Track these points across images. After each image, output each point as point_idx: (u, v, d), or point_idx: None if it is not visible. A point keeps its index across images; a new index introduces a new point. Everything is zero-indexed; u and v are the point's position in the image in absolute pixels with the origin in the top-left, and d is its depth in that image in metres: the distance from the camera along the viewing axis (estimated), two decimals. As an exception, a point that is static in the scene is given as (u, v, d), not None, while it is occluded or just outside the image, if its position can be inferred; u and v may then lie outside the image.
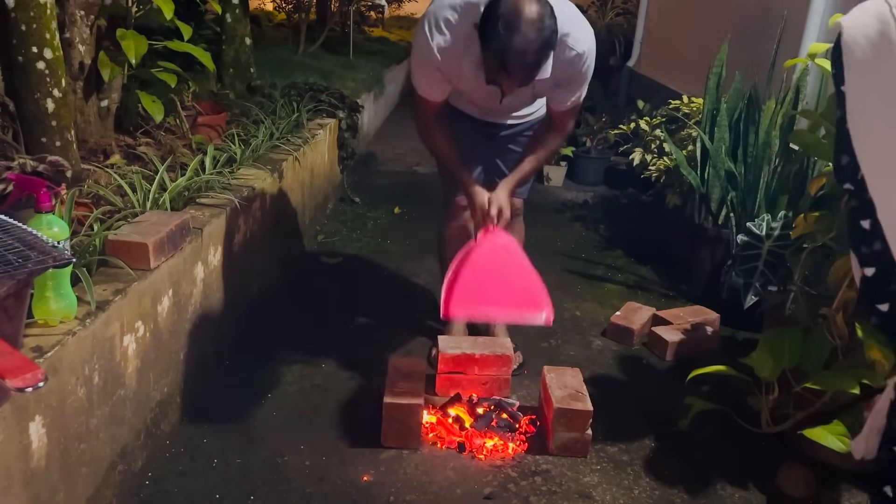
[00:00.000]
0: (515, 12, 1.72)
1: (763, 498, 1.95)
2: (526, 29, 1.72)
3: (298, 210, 3.25)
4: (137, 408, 1.82)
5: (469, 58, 1.88)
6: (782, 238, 2.57)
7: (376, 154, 5.31)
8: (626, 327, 2.73)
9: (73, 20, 2.47)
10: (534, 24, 1.72)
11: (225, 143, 2.95)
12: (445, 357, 2.24)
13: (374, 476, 1.92)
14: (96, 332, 1.57)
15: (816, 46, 1.85)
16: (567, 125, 2.20)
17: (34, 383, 1.11)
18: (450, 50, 1.93)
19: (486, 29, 1.77)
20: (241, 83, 4.10)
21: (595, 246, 3.75)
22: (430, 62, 1.97)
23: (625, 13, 6.38)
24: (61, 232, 1.50)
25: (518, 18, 1.72)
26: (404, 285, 3.14)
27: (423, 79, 2.06)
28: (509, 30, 1.72)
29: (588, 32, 1.97)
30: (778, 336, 1.98)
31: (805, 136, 2.16)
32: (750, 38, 3.66)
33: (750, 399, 2.11)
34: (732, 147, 3.12)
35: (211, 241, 2.23)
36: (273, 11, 8.08)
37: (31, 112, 2.19)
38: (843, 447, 1.79)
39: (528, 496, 1.89)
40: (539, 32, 1.74)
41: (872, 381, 1.79)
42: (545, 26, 1.74)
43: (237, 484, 1.86)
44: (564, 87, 2.03)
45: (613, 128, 4.60)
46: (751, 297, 2.61)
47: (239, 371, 2.34)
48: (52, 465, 1.45)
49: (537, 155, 2.20)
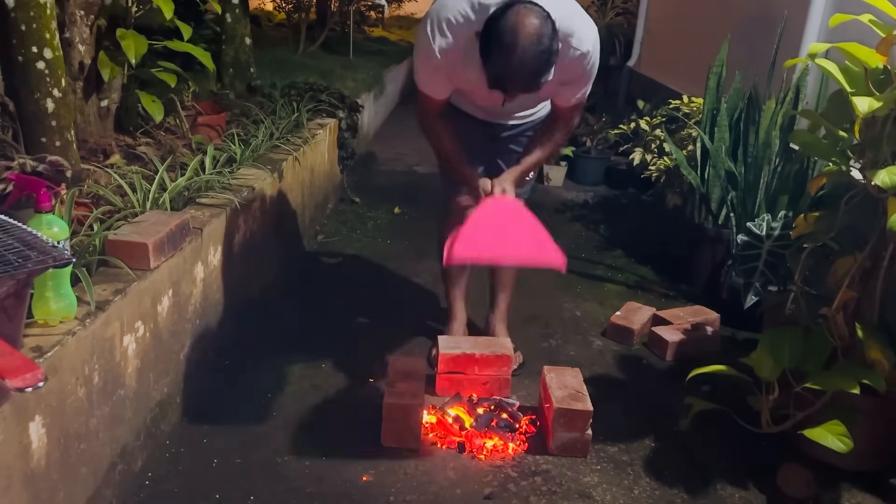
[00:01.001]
0: (514, 30, 1.70)
1: (763, 498, 1.95)
2: (524, 48, 1.70)
3: (298, 210, 3.25)
4: (137, 408, 1.81)
5: (472, 61, 1.88)
6: (782, 238, 2.57)
7: (376, 154, 5.31)
8: (626, 327, 2.73)
9: (73, 20, 2.47)
10: (532, 44, 1.70)
11: (225, 143, 2.95)
12: (445, 357, 2.24)
13: (374, 476, 1.92)
14: (96, 332, 1.57)
15: (816, 46, 1.84)
16: (572, 120, 2.20)
17: (34, 383, 1.11)
18: (452, 52, 1.92)
19: (487, 45, 1.76)
20: (241, 83, 4.10)
21: (595, 246, 3.75)
22: (431, 62, 1.96)
23: (625, 13, 6.39)
24: (61, 232, 1.50)
25: (517, 36, 1.70)
26: (404, 285, 3.14)
27: (425, 77, 2.06)
28: (508, 49, 1.71)
29: (592, 31, 1.96)
30: (778, 336, 1.98)
31: (805, 136, 2.16)
32: (750, 38, 3.66)
33: (750, 399, 2.11)
34: (732, 147, 3.12)
35: (211, 241, 2.23)
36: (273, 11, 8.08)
37: (31, 112, 2.19)
38: (843, 447, 1.79)
39: (528, 496, 1.89)
40: (537, 52, 1.72)
41: (872, 381, 1.80)
42: (544, 46, 1.72)
43: (237, 484, 1.85)
44: (569, 86, 2.03)
45: (613, 128, 4.60)
46: (751, 297, 2.61)
47: (239, 371, 2.34)
48: (52, 465, 1.45)
49: (542, 148, 2.18)
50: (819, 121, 2.05)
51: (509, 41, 1.70)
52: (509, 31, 1.70)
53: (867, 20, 1.80)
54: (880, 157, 1.82)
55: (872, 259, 1.94)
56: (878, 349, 1.83)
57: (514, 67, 1.73)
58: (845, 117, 1.90)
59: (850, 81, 1.80)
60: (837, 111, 1.94)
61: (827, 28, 3.10)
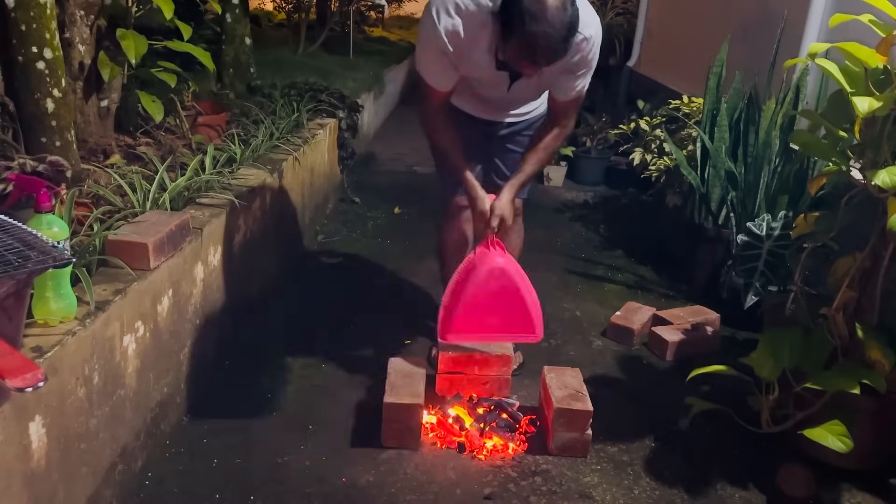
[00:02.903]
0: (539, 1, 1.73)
1: (763, 498, 1.95)
2: (552, 17, 1.73)
3: (298, 210, 3.25)
4: (137, 408, 1.81)
5: (480, 43, 1.88)
6: (782, 238, 2.57)
7: (376, 154, 5.31)
8: (626, 327, 2.73)
9: (73, 20, 2.47)
10: (558, 8, 1.74)
11: (225, 143, 2.95)
12: (445, 357, 2.24)
13: (374, 476, 1.92)
14: (96, 332, 1.57)
15: (816, 46, 1.84)
16: (570, 119, 2.20)
17: (34, 383, 1.11)
18: (458, 34, 1.92)
19: (511, 20, 1.77)
20: (241, 83, 4.11)
21: (595, 246, 3.75)
22: (436, 46, 1.95)
23: (625, 13, 6.38)
24: (61, 232, 1.50)
25: (544, 7, 1.73)
26: (404, 285, 3.14)
27: (429, 65, 2.04)
28: (536, 20, 1.73)
29: (594, 18, 1.98)
30: (778, 336, 1.98)
31: (805, 136, 2.16)
32: (750, 38, 3.66)
33: (750, 399, 2.11)
34: (732, 147, 3.12)
35: (211, 241, 2.23)
36: (273, 11, 8.09)
37: (31, 112, 2.19)
38: (843, 447, 1.79)
39: (528, 496, 1.89)
40: (564, 18, 1.75)
41: (872, 381, 1.80)
42: (569, 10, 1.76)
43: (237, 484, 1.86)
44: (569, 75, 2.03)
45: (613, 128, 4.60)
46: (751, 297, 2.61)
47: (239, 371, 2.34)
48: (52, 465, 1.45)
49: (539, 156, 2.18)
50: (819, 121, 2.05)
51: (535, 9, 1.73)
52: (535, 2, 1.73)
53: (867, 20, 1.80)
54: (880, 157, 1.82)
55: (872, 259, 1.94)
56: (878, 349, 1.83)
57: (542, 35, 1.75)
58: (845, 117, 1.90)
59: (850, 81, 1.80)
60: (837, 111, 1.94)
61: (827, 28, 3.10)
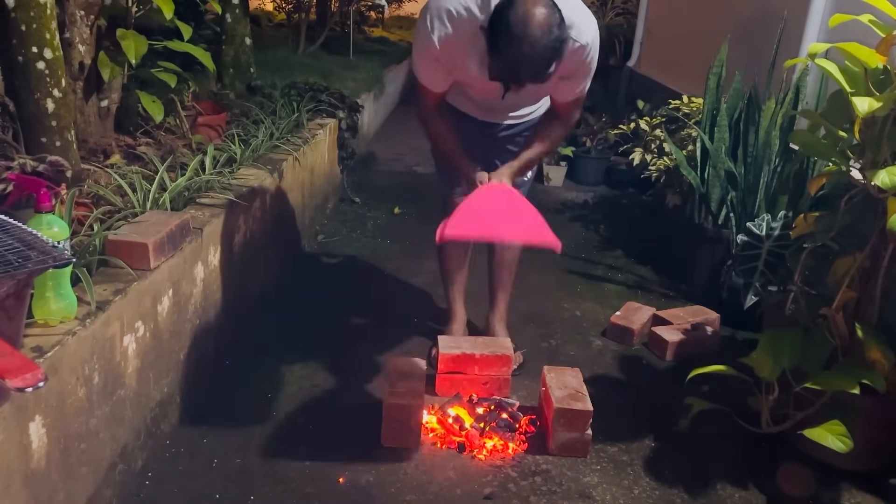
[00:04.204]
0: (524, 21, 1.69)
1: (763, 498, 1.95)
2: (536, 41, 1.70)
3: (298, 210, 3.25)
4: (137, 408, 1.81)
5: (472, 55, 1.87)
6: (782, 238, 2.57)
7: (376, 154, 5.31)
8: (626, 327, 2.73)
9: (73, 20, 2.47)
10: (543, 33, 1.70)
11: (225, 143, 2.95)
12: (445, 357, 2.24)
13: (374, 476, 1.92)
14: (96, 332, 1.57)
15: (816, 46, 1.84)
16: (572, 117, 2.19)
17: (34, 383, 1.11)
18: (451, 42, 1.91)
19: (495, 38, 1.74)
20: (241, 83, 4.10)
21: (595, 246, 3.75)
22: (430, 53, 1.95)
23: (625, 13, 6.38)
24: (61, 232, 1.50)
25: (527, 27, 1.69)
26: (404, 285, 3.14)
27: (423, 68, 2.04)
28: (518, 40, 1.70)
29: (591, 23, 1.95)
30: (778, 336, 1.98)
31: (805, 136, 2.16)
32: (750, 38, 3.66)
33: (750, 399, 2.11)
34: (732, 147, 3.12)
35: (211, 241, 2.23)
36: (273, 11, 8.09)
37: (31, 112, 2.18)
38: (842, 447, 1.79)
39: (528, 496, 1.89)
40: (548, 41, 1.71)
41: (872, 381, 1.80)
42: (553, 35, 1.72)
43: (237, 484, 1.86)
44: (568, 80, 2.03)
45: (613, 128, 4.60)
46: (751, 297, 2.61)
47: (239, 371, 2.34)
48: (52, 465, 1.45)
49: (541, 144, 2.17)
50: (819, 121, 2.05)
51: (519, 32, 1.69)
52: (519, 22, 1.69)
53: (867, 20, 1.81)
54: (880, 157, 1.82)
55: (872, 259, 1.94)
56: (878, 349, 1.83)
57: (525, 58, 1.72)
58: (845, 117, 1.90)
59: (850, 81, 1.80)
60: (837, 111, 1.94)
61: (827, 28, 3.10)
